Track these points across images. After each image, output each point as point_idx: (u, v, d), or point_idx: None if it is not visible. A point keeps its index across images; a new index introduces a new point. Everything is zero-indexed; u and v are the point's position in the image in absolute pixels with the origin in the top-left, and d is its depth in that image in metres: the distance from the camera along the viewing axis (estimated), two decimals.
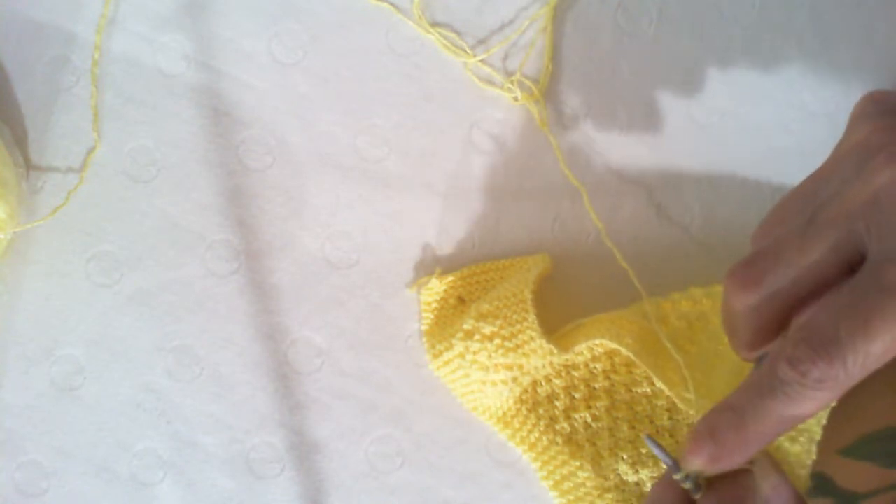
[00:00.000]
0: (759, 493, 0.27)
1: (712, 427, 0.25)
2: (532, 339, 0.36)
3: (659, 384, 0.35)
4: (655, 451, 0.28)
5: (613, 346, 0.35)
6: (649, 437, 0.29)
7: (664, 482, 0.28)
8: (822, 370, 0.23)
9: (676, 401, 0.35)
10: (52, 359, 0.40)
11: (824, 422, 0.33)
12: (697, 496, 0.27)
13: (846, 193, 0.24)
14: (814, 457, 0.33)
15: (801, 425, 0.33)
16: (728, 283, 0.27)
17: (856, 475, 0.36)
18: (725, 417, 0.25)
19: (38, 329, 0.40)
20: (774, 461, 0.28)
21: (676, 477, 0.27)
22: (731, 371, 0.36)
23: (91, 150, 0.42)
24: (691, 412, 0.35)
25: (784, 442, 0.33)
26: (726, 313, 0.28)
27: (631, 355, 0.35)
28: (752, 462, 0.27)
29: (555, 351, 0.36)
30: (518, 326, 0.36)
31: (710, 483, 0.27)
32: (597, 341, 0.36)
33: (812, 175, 0.28)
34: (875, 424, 0.37)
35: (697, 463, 0.26)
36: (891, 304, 0.22)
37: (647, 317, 0.37)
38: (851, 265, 0.24)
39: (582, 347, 0.36)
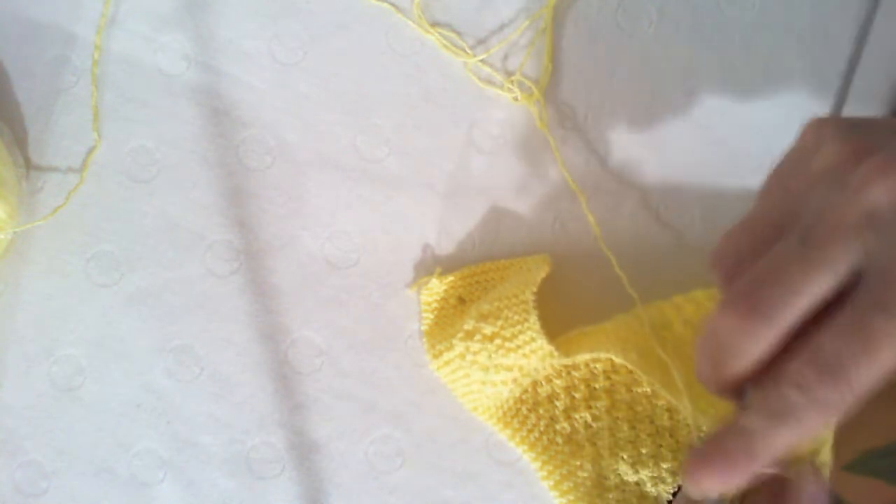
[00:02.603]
0: (798, 500, 0.27)
1: (723, 449, 0.26)
2: (533, 339, 0.36)
3: (664, 394, 0.35)
4: None
5: (619, 361, 0.35)
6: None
7: None
8: (828, 393, 0.24)
9: (686, 414, 0.35)
10: (52, 359, 0.40)
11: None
12: None
13: (835, 211, 0.24)
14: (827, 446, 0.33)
15: None
16: (727, 313, 0.26)
17: (862, 491, 0.36)
18: (736, 440, 0.25)
19: (38, 329, 0.40)
20: (815, 467, 0.29)
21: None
22: None
23: (91, 150, 0.42)
24: (694, 426, 0.35)
25: None
26: (717, 346, 0.26)
27: (636, 370, 0.35)
28: (791, 469, 0.28)
29: (555, 353, 0.36)
30: (519, 327, 0.36)
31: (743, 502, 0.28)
32: (602, 355, 0.35)
33: (777, 191, 0.27)
34: (879, 440, 0.37)
35: (708, 483, 0.26)
36: (891, 323, 0.23)
37: (646, 325, 0.37)
38: (847, 283, 0.24)
39: (585, 357, 0.36)
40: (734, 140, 0.42)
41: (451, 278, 0.40)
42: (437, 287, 0.40)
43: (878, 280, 0.23)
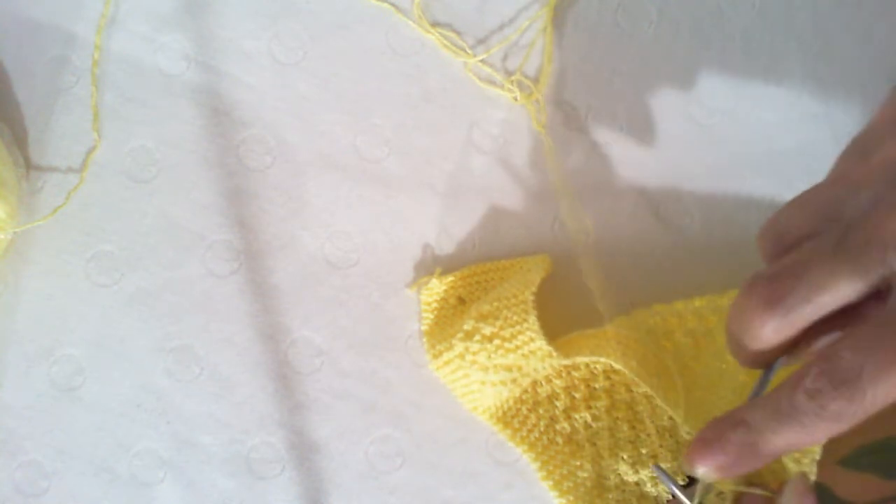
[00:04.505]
0: None
1: (724, 438, 0.26)
2: (532, 340, 0.36)
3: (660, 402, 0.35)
4: (668, 485, 0.29)
5: (618, 367, 0.35)
6: (658, 466, 0.30)
7: None
8: (842, 406, 0.23)
9: (678, 420, 0.35)
10: (52, 359, 0.40)
11: None
12: None
13: (879, 217, 0.24)
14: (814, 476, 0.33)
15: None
16: (747, 297, 0.26)
17: (855, 486, 0.36)
18: (738, 432, 0.25)
19: (38, 329, 0.40)
20: (808, 482, 0.28)
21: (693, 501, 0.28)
22: (733, 390, 0.36)
23: (91, 150, 0.42)
24: (693, 434, 0.35)
25: (788, 462, 0.33)
26: (738, 326, 0.27)
27: (634, 377, 0.35)
28: (786, 480, 0.28)
29: (554, 354, 0.36)
30: (518, 328, 0.36)
31: None
32: (601, 360, 0.35)
33: (836, 176, 0.27)
34: (874, 435, 0.37)
35: (704, 470, 0.26)
36: None
37: (646, 331, 0.37)
38: (877, 292, 0.24)
39: (584, 360, 0.36)
40: (734, 140, 0.42)
41: (451, 278, 0.40)
42: (437, 287, 0.40)
43: None
